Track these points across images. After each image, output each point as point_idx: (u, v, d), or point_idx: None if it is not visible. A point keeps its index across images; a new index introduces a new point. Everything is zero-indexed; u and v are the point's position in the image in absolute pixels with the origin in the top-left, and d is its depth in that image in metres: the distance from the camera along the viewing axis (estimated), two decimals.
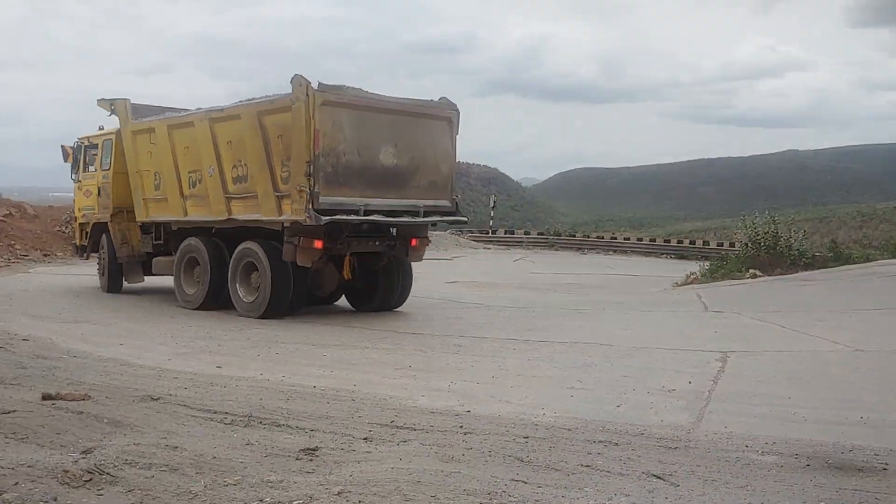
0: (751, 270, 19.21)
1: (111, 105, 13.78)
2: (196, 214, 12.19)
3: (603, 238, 41.59)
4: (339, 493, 3.86)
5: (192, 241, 12.30)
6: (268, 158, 10.67)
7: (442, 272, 22.59)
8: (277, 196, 10.61)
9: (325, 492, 3.87)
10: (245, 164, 11.09)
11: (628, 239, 41.55)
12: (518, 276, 23.12)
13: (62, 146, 23.39)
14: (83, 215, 15.52)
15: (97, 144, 14.91)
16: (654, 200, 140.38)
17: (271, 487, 3.96)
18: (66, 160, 21.93)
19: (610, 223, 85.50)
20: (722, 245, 36.71)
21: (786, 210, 52.40)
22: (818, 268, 19.56)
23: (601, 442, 5.11)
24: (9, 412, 5.29)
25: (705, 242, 40.80)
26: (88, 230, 15.24)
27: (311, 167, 9.97)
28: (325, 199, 10.09)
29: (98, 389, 6.23)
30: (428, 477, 4.17)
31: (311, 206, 9.96)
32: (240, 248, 11.50)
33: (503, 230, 44.61)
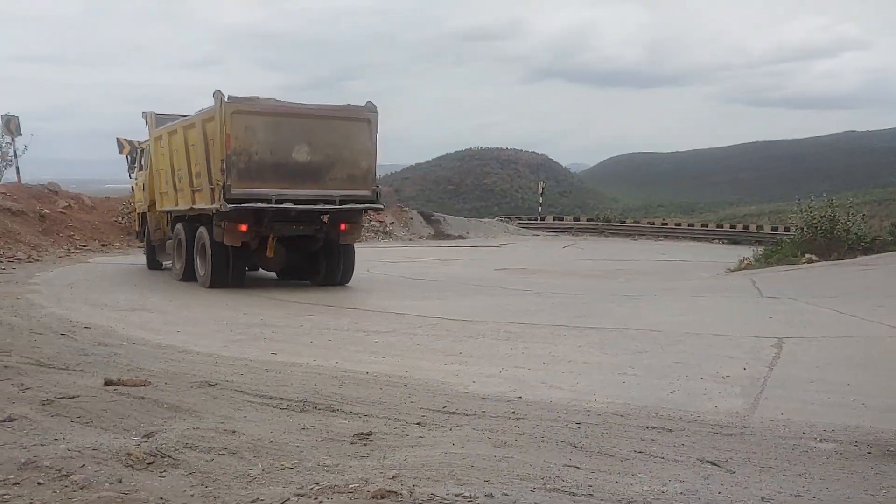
0: (807, 255, 18.82)
1: (146, 116, 16.14)
2: (181, 204, 14.30)
3: (653, 224, 41.17)
4: (393, 476, 3.91)
5: (178, 225, 14.58)
6: (207, 158, 12.67)
7: (491, 259, 22.57)
8: (211, 188, 12.55)
9: (379, 475, 3.92)
10: (199, 163, 13.06)
11: (679, 224, 41.03)
12: (567, 263, 23.00)
13: (117, 139, 23.89)
14: (138, 206, 18.25)
15: (144, 149, 17.48)
16: (706, 185, 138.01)
17: (327, 471, 4.02)
18: (121, 152, 22.44)
19: (661, 209, 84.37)
20: (776, 230, 36.00)
21: (843, 193, 51.00)
22: (878, 252, 19.06)
23: (654, 428, 5.08)
24: (74, 397, 5.47)
25: (759, 227, 40.03)
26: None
27: (224, 164, 11.93)
28: (237, 191, 11.96)
29: (157, 375, 6.40)
30: (481, 462, 4.19)
31: (222, 197, 11.87)
32: (197, 231, 13.68)
33: (552, 216, 44.36)
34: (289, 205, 12.18)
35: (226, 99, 11.92)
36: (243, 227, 12.26)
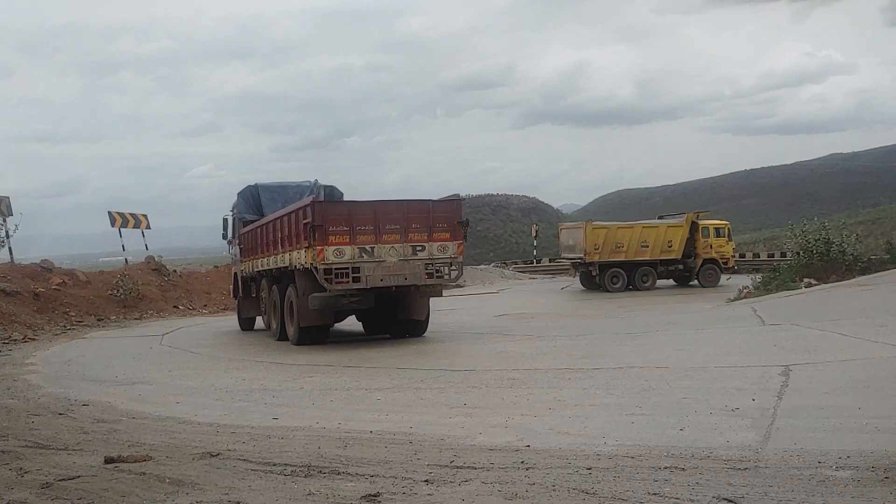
0: (805, 279, 18.82)
1: None
2: None
3: None
4: None
5: None
6: None
7: (490, 306, 22.47)
8: None
9: None
10: None
11: None
12: (566, 304, 22.92)
13: (109, 212, 23.83)
14: None
15: None
16: None
17: None
18: (113, 225, 22.32)
19: None
20: (773, 256, 36.04)
21: (835, 215, 51.15)
22: (875, 271, 19.06)
23: (667, 468, 4.98)
24: (74, 478, 5.36)
25: (755, 255, 40.10)
26: None
27: None
28: None
29: (158, 449, 6.28)
30: None
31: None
32: None
33: (547, 258, 44.37)
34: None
35: None
36: None
